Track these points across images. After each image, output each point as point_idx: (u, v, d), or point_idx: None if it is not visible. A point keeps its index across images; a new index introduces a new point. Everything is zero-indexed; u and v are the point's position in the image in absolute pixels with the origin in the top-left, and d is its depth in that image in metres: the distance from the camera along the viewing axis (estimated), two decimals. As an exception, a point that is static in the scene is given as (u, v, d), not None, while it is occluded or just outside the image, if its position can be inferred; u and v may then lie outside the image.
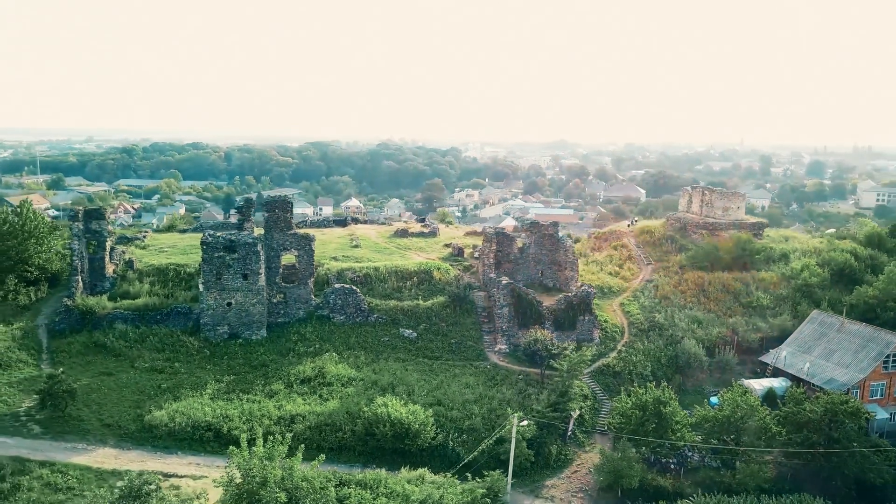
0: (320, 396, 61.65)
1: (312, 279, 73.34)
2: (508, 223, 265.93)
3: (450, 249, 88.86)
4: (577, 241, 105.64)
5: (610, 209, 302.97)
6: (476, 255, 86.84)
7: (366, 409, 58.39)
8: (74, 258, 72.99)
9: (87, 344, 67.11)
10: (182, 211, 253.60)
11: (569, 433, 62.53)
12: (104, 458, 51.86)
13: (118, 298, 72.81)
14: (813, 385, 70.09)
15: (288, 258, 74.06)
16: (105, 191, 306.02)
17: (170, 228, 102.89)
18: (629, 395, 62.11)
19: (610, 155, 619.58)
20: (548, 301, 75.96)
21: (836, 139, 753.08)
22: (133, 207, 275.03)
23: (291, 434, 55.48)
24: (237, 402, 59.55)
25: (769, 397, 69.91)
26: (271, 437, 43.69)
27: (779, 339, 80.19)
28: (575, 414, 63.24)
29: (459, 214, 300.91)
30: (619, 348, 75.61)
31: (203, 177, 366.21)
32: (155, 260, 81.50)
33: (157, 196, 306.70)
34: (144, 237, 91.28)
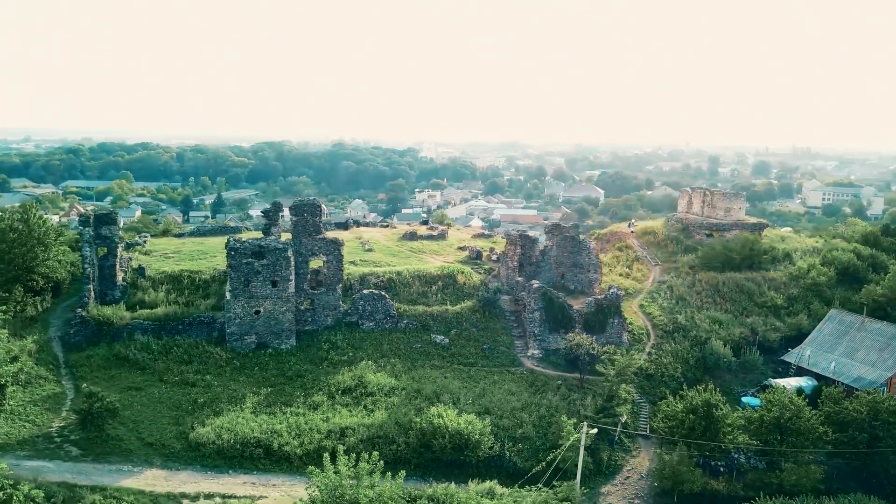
0: (365, 407, 59.40)
1: (341, 285, 70.82)
2: (476, 224, 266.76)
3: (466, 252, 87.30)
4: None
5: (573, 209, 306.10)
6: (494, 257, 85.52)
7: (417, 419, 56.63)
8: (86, 266, 68.78)
9: (107, 357, 63.26)
10: (139, 214, 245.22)
11: (616, 438, 61.82)
12: (154, 480, 48.62)
13: (136, 307, 68.93)
14: (839, 383, 71.09)
15: (313, 263, 71.33)
16: (53, 193, 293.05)
17: (164, 233, 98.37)
18: (676, 398, 61.80)
19: (561, 155, 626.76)
20: (576, 304, 75.18)
21: (776, 141, 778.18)
22: (85, 209, 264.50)
23: (344, 447, 54.06)
24: (281, 416, 56.85)
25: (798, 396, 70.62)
26: (353, 455, 41.60)
27: (796, 338, 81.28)
28: (623, 419, 62.61)
29: (425, 215, 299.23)
30: (647, 350, 75.33)
31: (155, 178, 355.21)
32: (165, 266, 77.55)
33: (109, 198, 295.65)
34: (145, 242, 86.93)
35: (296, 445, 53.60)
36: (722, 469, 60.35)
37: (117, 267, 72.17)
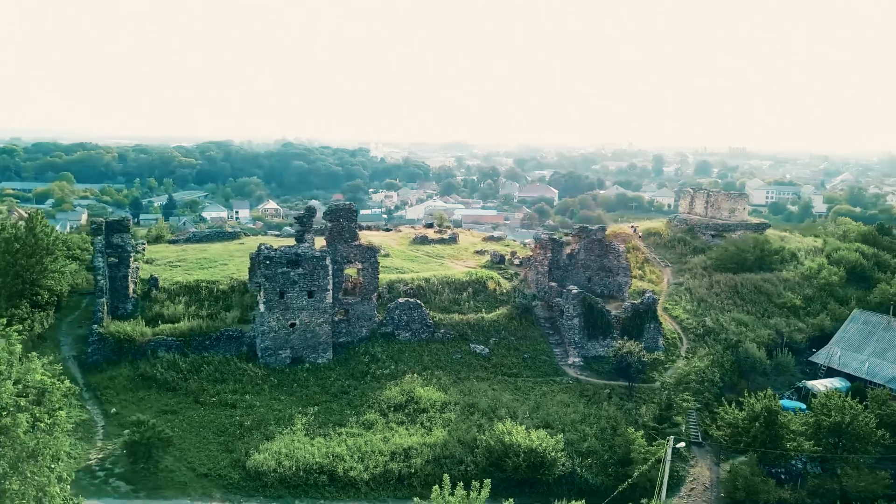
0: (422, 425, 55.87)
1: (376, 294, 66.92)
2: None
3: (487, 257, 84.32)
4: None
5: (534, 209, 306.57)
6: (517, 261, 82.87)
7: (482, 437, 53.60)
8: (99, 278, 62.97)
9: (132, 377, 57.84)
10: (85, 217, 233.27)
11: (685, 447, 59.92)
12: (219, 515, 44.18)
13: (155, 322, 63.50)
14: (873, 384, 71.22)
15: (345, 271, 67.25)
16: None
17: (157, 239, 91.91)
18: (733, 406, 60.45)
19: (508, 155, 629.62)
20: (612, 309, 73.20)
21: (713, 141, 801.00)
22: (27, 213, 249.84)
23: (411, 470, 50.62)
24: (337, 438, 52.82)
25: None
26: (460, 483, 38.19)
27: (819, 339, 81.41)
28: (682, 427, 60.86)
29: (386, 216, 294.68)
30: (682, 355, 73.99)
31: (97, 179, 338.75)
32: (177, 276, 72.01)
33: (50, 201, 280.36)
34: (143, 250, 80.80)
35: (361, 470, 49.78)
36: (783, 476, 59.24)
37: (130, 278, 66.43)
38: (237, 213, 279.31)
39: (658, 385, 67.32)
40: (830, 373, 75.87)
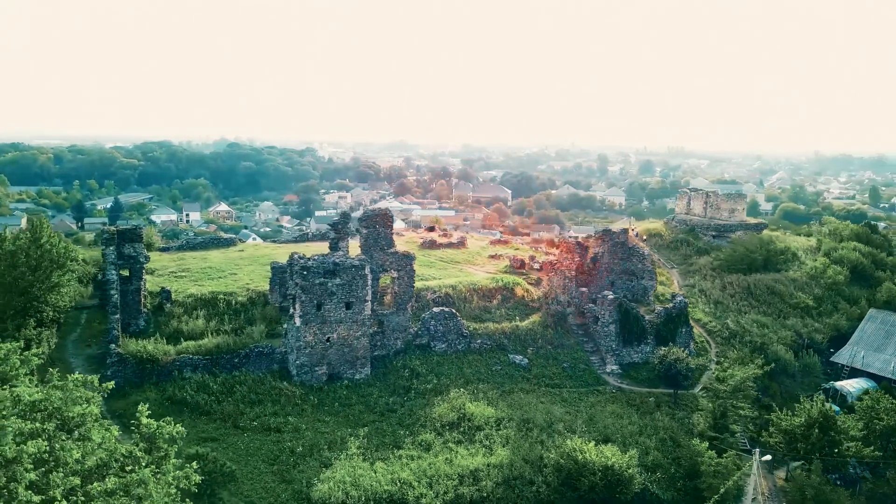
0: (480, 444, 52.52)
1: (411, 304, 63.13)
2: (398, 226, 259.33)
3: (504, 261, 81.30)
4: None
5: (493, 209, 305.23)
6: (537, 266, 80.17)
7: (549, 454, 50.81)
8: (113, 292, 57.23)
9: (159, 402, 52.50)
10: (24, 222, 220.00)
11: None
12: (296, 557, 39.88)
13: (176, 339, 58.15)
14: (898, 383, 71.51)
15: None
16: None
17: (147, 247, 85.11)
18: (784, 412, 59.21)
19: (453, 155, 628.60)
20: (644, 314, 71.31)
21: (653, 141, 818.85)
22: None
23: (482, 494, 47.42)
24: (398, 462, 48.99)
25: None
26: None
27: (836, 339, 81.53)
28: (738, 435, 59.29)
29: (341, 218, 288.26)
30: (713, 359, 72.75)
31: (32, 181, 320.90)
32: (189, 288, 66.53)
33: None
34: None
35: (432, 496, 46.10)
36: (839, 482, 58.28)
37: (142, 291, 60.85)
38: (187, 215, 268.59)
39: (698, 391, 65.83)
40: (854, 373, 75.91)
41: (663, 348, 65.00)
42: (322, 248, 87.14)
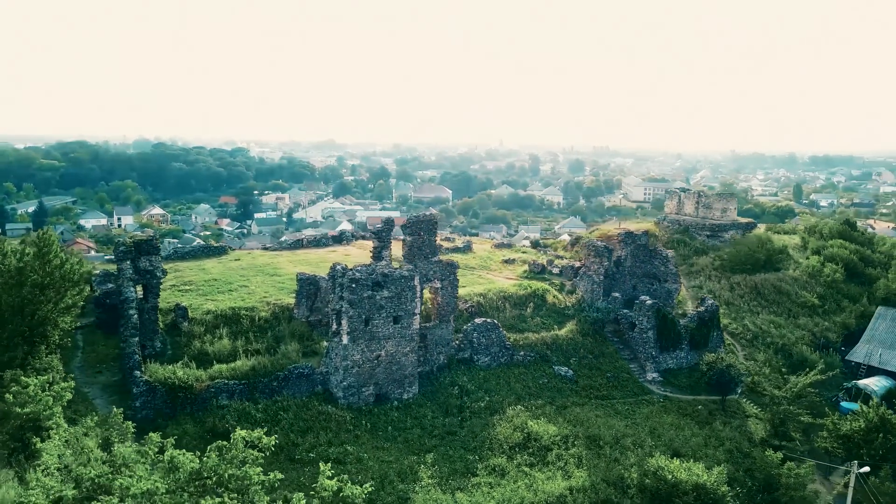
0: (555, 466, 48.96)
1: (453, 316, 58.90)
2: (344, 227, 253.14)
3: (522, 266, 77.98)
4: (547, 244, 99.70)
5: (439, 209, 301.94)
6: (556, 270, 77.19)
7: (631, 474, 47.77)
8: (131, 312, 50.67)
9: (200, 436, 46.44)
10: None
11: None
12: None
13: (202, 363, 51.98)
14: (918, 380, 72.11)
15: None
16: None
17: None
18: (837, 416, 58.23)
19: (384, 155, 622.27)
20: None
21: (578, 140, 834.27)
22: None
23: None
24: (477, 491, 44.81)
25: (888, 396, 70.50)
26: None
27: (846, 337, 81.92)
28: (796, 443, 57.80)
29: (285, 219, 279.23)
30: (743, 362, 71.43)
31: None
32: (203, 303, 60.16)
33: None
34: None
35: (527, 529, 42.29)
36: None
37: (158, 310, 54.38)
38: (119, 219, 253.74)
39: (738, 396, 64.26)
40: (870, 371, 76.24)
41: (711, 354, 63.02)
42: (319, 254, 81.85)
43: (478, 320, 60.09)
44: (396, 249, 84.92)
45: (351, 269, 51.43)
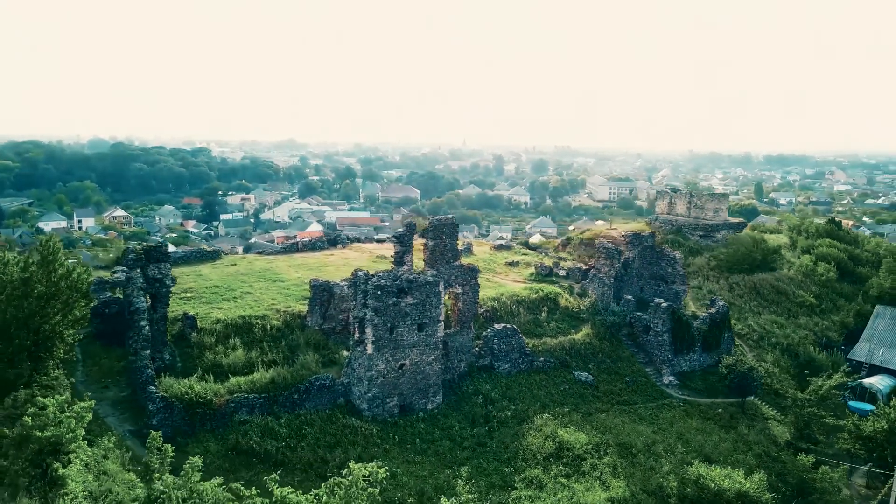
0: (591, 476, 47.52)
1: (474, 322, 57.04)
2: (314, 228, 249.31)
3: (527, 268, 76.43)
4: (547, 244, 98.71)
5: (410, 209, 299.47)
6: (563, 273, 75.87)
7: (670, 482, 46.63)
8: (143, 323, 47.62)
9: (223, 454, 43.85)
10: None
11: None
12: None
13: (219, 375, 49.17)
14: (920, 378, 72.70)
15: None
16: None
17: (117, 262, 73.89)
18: (869, 416, 58.00)
19: (346, 155, 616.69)
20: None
21: (540, 140, 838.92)
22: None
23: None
24: (519, 505, 43.21)
25: (893, 394, 70.90)
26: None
27: (846, 336, 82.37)
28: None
29: (253, 220, 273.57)
30: (758, 363, 71.08)
31: None
32: (210, 312, 57.14)
33: None
34: (129, 279, 63.79)
35: (573, 544, 40.72)
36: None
37: (167, 320, 51.35)
38: (80, 222, 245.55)
39: (752, 399, 63.75)
40: (873, 370, 76.67)
41: (729, 357, 62.42)
42: (317, 258, 79.19)
43: (497, 326, 58.36)
44: (391, 250, 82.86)
45: (374, 276, 49.21)
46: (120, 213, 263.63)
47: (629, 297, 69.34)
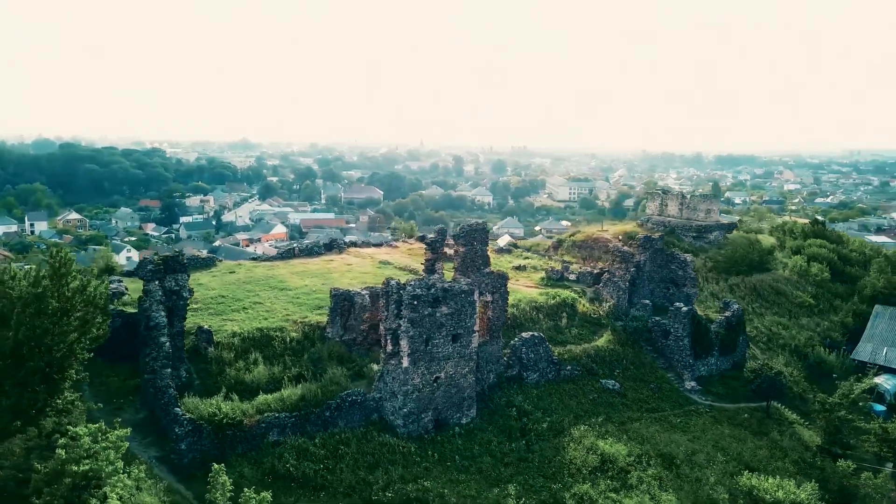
0: (639, 490, 45.84)
1: (501, 331, 54.85)
2: (278, 231, 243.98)
3: (539, 273, 74.63)
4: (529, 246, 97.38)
5: (375, 210, 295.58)
6: (573, 276, 74.27)
7: (722, 495, 45.41)
8: (163, 339, 44.11)
9: (258, 479, 40.60)
10: None
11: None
12: None
13: (246, 393, 45.93)
14: (924, 378, 73.29)
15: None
16: None
17: (110, 272, 69.48)
18: (880, 419, 57.90)
19: (303, 155, 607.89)
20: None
21: (497, 141, 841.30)
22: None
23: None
24: (574, 525, 41.20)
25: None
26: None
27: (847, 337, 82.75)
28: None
29: (215, 222, 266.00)
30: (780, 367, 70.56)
31: None
32: (224, 325, 53.65)
33: None
34: (126, 289, 59.86)
35: (638, 565, 38.91)
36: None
37: (183, 334, 47.85)
38: (32, 225, 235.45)
39: (775, 404, 63.07)
40: (880, 370, 76.98)
41: (754, 362, 61.71)
42: (318, 263, 76.08)
43: (525, 334, 56.33)
44: (391, 255, 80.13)
45: (408, 285, 46.62)
46: (74, 216, 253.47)
47: (647, 301, 68.12)
